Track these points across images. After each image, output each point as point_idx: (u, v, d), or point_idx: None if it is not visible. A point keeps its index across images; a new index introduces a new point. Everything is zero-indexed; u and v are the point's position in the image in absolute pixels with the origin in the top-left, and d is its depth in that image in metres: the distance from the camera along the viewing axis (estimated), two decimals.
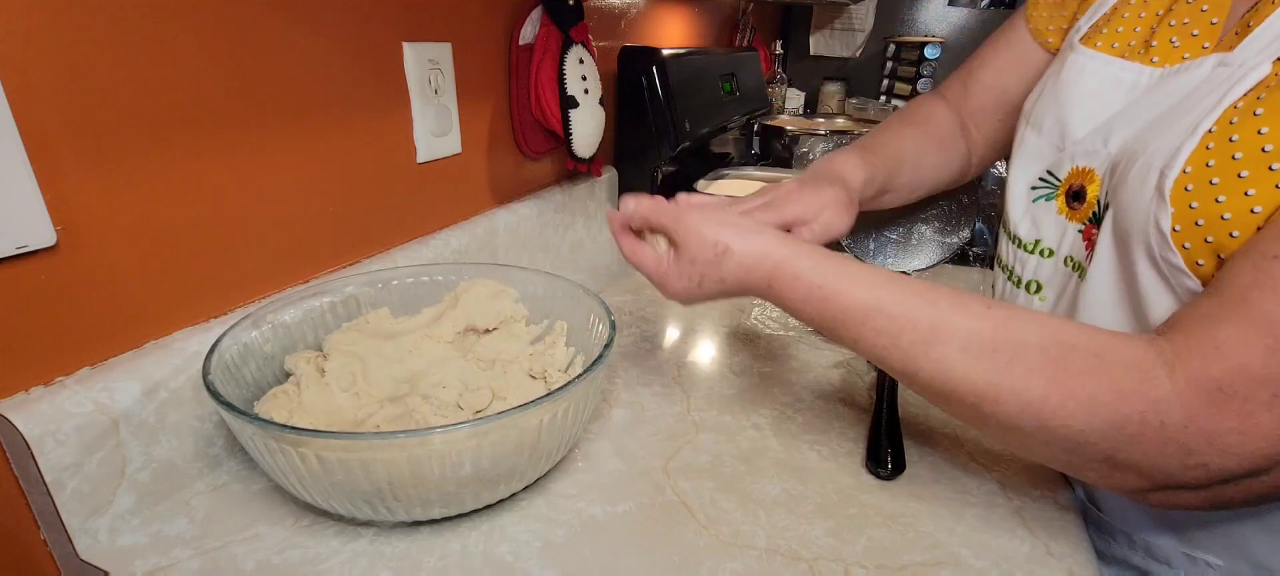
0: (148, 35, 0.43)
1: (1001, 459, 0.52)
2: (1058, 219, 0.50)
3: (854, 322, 0.40)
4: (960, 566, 0.42)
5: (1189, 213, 0.37)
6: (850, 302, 0.40)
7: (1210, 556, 0.45)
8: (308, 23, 0.54)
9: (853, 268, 0.42)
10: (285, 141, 0.54)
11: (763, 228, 0.45)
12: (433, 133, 0.69)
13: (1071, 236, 0.48)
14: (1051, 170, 0.50)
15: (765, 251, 0.43)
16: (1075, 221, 0.48)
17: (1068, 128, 0.49)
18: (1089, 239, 0.46)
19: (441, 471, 0.39)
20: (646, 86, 0.99)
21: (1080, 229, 0.47)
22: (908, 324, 0.39)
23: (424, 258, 0.68)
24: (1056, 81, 0.52)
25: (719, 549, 0.43)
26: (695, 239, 0.45)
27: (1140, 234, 0.40)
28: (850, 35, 2.03)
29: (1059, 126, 0.50)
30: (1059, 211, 0.50)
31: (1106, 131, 0.46)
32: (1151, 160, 0.40)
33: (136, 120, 0.43)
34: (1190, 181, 0.38)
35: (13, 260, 0.38)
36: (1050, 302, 0.51)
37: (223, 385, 0.42)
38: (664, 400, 0.60)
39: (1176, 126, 0.40)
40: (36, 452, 0.38)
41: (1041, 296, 0.52)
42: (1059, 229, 0.50)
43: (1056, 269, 0.50)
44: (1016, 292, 0.54)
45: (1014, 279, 0.54)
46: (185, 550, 0.42)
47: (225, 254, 0.51)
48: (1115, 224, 0.43)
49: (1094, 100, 0.48)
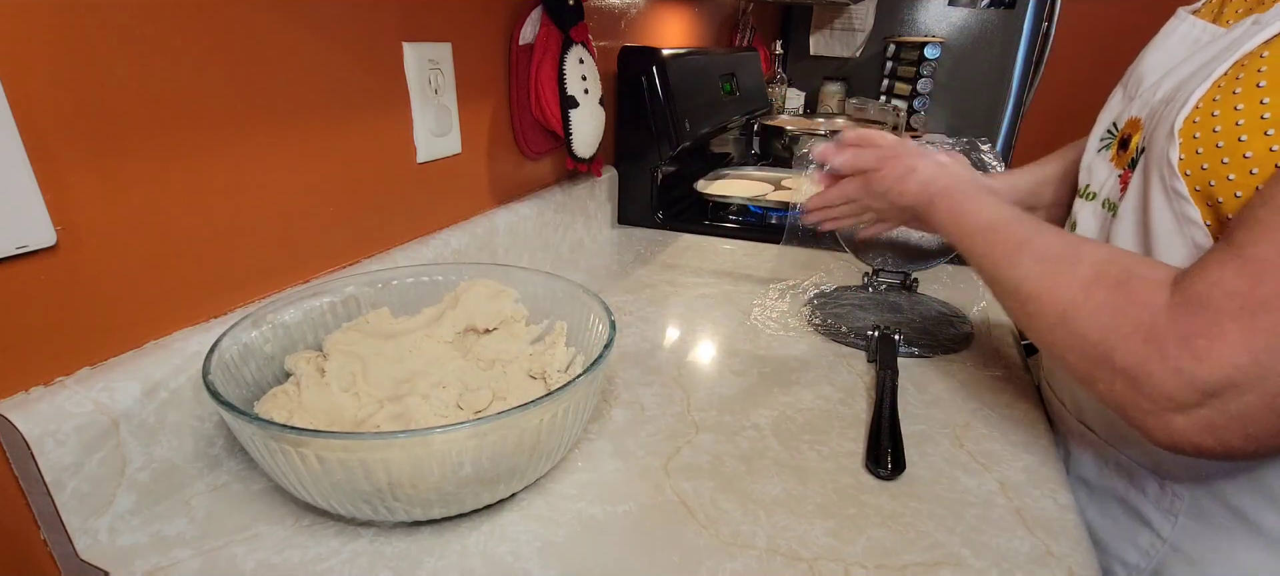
0: (148, 35, 0.43)
1: (1001, 459, 0.52)
2: (1108, 166, 0.52)
3: (971, 232, 0.51)
4: (960, 566, 0.42)
5: (1195, 156, 0.41)
6: (977, 220, 0.51)
7: (1179, 487, 0.47)
8: (308, 23, 0.54)
9: (992, 199, 0.52)
10: (285, 141, 0.54)
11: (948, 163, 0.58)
12: (433, 133, 0.69)
13: (1112, 181, 0.51)
14: (1115, 122, 0.53)
15: (939, 172, 0.57)
16: (1118, 167, 0.51)
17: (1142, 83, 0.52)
18: (1125, 182, 0.49)
19: (441, 471, 0.39)
20: (646, 86, 0.99)
21: (1120, 173, 0.50)
22: (1011, 237, 0.48)
23: (424, 257, 0.68)
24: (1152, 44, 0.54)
25: (719, 549, 0.43)
26: (891, 167, 0.59)
27: (1157, 166, 0.43)
28: (850, 35, 2.03)
29: (1137, 82, 0.52)
30: (1110, 159, 0.52)
31: (1158, 84, 0.48)
32: (1186, 100, 0.43)
33: (136, 120, 0.43)
34: (1197, 128, 0.41)
35: (13, 260, 0.38)
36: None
37: (223, 385, 0.42)
38: (664, 400, 0.60)
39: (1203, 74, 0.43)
40: (36, 452, 0.38)
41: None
42: (1105, 173, 0.52)
43: (1095, 210, 0.53)
44: None
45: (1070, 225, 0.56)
46: (185, 550, 0.42)
47: (225, 254, 0.51)
48: (1144, 164, 0.46)
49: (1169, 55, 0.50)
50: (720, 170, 1.28)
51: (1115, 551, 0.52)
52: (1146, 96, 0.49)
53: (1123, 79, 0.56)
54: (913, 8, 1.95)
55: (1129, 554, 0.51)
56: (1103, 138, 0.54)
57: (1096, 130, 0.56)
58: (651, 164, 1.05)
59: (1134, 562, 0.51)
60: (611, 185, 1.07)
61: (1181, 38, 0.50)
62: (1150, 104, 0.48)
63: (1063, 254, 0.44)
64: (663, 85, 0.99)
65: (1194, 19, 0.50)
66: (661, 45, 1.04)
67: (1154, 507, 0.49)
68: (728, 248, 1.02)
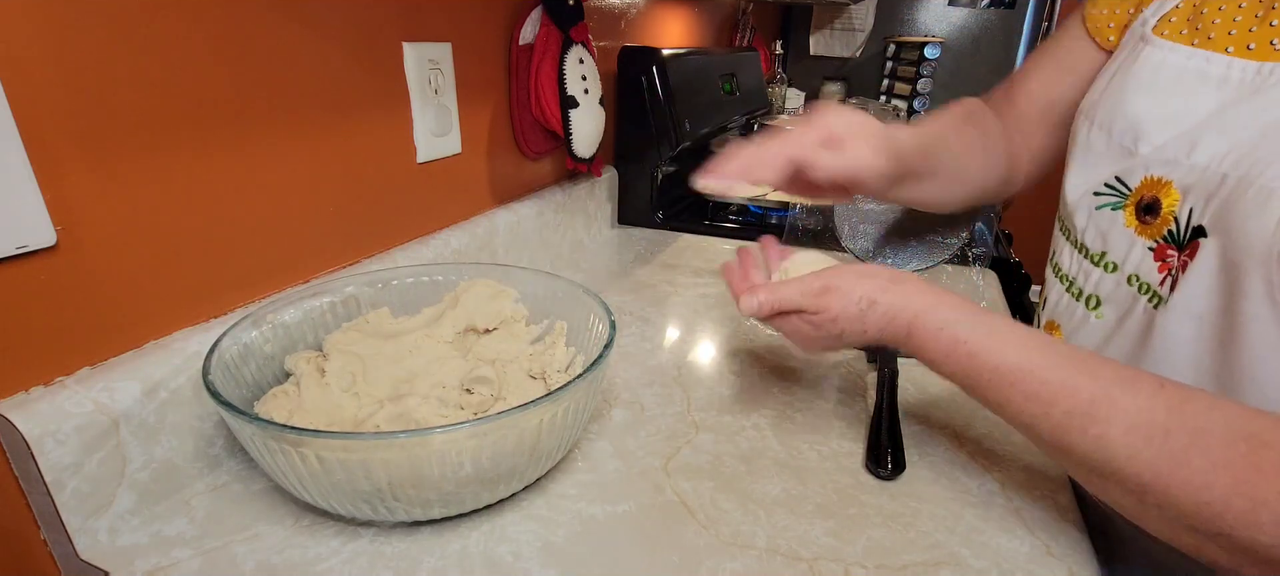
0: (148, 35, 0.43)
1: (1002, 459, 0.52)
2: (1125, 232, 0.46)
3: (1001, 384, 0.39)
4: (960, 566, 0.42)
5: None
6: (998, 362, 0.39)
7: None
8: (308, 22, 0.54)
9: (1002, 324, 0.40)
10: (285, 141, 0.54)
11: (906, 278, 0.45)
12: (433, 133, 0.69)
13: (1139, 253, 0.45)
14: (1121, 177, 0.46)
15: (906, 300, 0.43)
16: (1146, 237, 0.44)
17: (1142, 131, 0.45)
18: (1165, 262, 0.43)
19: (441, 471, 0.39)
20: (646, 86, 0.99)
21: (1151, 247, 0.43)
22: (1063, 393, 0.36)
23: (424, 257, 0.68)
24: (1126, 77, 0.47)
25: (719, 549, 0.43)
26: (840, 298, 0.45)
27: (1260, 265, 0.36)
28: (850, 35, 2.03)
29: (1132, 130, 0.45)
30: (1127, 224, 0.45)
31: (1192, 139, 0.41)
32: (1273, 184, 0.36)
33: (136, 120, 0.43)
34: None
35: (13, 260, 0.38)
36: (1110, 322, 0.47)
37: (223, 385, 0.42)
38: (664, 400, 0.60)
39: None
40: (36, 452, 0.38)
41: (1099, 314, 0.48)
42: (1126, 243, 0.46)
43: (1118, 286, 0.46)
44: (1075, 307, 0.50)
45: (1074, 291, 0.50)
46: (185, 550, 0.42)
47: (225, 254, 0.51)
48: (1223, 254, 0.39)
49: (1175, 101, 0.44)
50: None
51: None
52: (1172, 154, 0.42)
53: (1089, 118, 0.49)
54: (913, 8, 1.95)
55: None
56: (1100, 193, 0.47)
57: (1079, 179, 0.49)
58: (651, 164, 1.05)
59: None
60: (611, 185, 1.07)
61: (1191, 76, 0.43)
62: (1186, 167, 0.41)
63: (1169, 424, 0.33)
64: (663, 85, 0.99)
65: (1189, 49, 0.44)
66: (661, 45, 1.04)
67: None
68: (728, 248, 1.02)
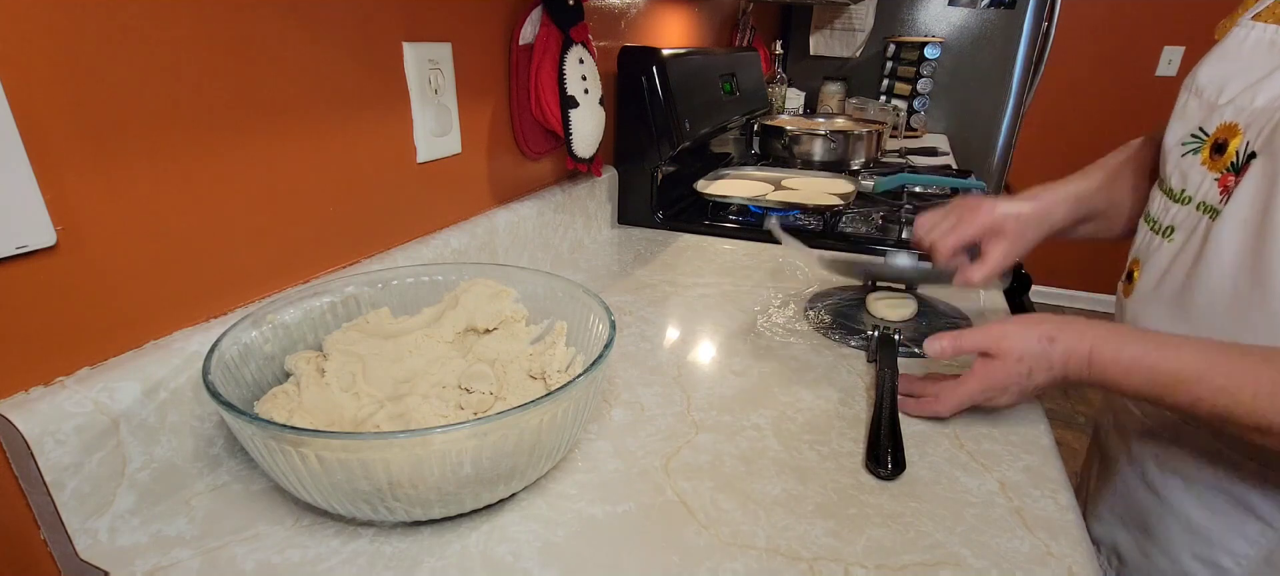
0: (148, 35, 0.43)
1: (1001, 459, 0.52)
2: (1201, 169, 0.52)
3: (1189, 382, 0.44)
4: (960, 566, 0.42)
5: None
6: (1180, 365, 0.44)
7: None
8: (308, 23, 0.54)
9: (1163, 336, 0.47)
10: (285, 141, 0.54)
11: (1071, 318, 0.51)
12: (433, 133, 0.69)
13: (1208, 184, 0.51)
14: (1202, 126, 0.53)
15: (1081, 333, 0.49)
16: (1214, 171, 0.51)
17: (1223, 87, 0.52)
18: (1225, 186, 0.49)
19: (441, 471, 0.39)
20: (646, 86, 0.99)
21: (1217, 177, 0.50)
22: (1249, 379, 0.42)
23: (424, 257, 0.68)
24: (1220, 49, 0.54)
25: (719, 549, 0.43)
26: (1019, 338, 0.51)
27: None
28: (850, 35, 2.03)
29: (1216, 87, 0.53)
30: (1202, 162, 0.52)
31: (1255, 90, 0.49)
32: None
33: (137, 120, 0.43)
34: None
35: (13, 260, 0.38)
36: (1178, 244, 0.54)
37: (223, 385, 0.42)
38: (664, 400, 0.60)
39: None
40: (36, 452, 0.38)
41: (1171, 238, 0.55)
42: (1199, 177, 0.52)
43: (1189, 214, 0.53)
44: (1153, 239, 0.57)
45: (1155, 227, 0.57)
46: (185, 550, 0.42)
47: (225, 254, 0.51)
48: (1266, 170, 0.46)
49: (1250, 62, 0.51)
50: (720, 170, 1.28)
51: (1221, 541, 0.53)
52: (1241, 102, 0.50)
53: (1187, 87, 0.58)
54: (913, 8, 1.96)
55: (1236, 543, 0.52)
56: (1186, 143, 0.55)
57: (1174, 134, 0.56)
58: (651, 164, 1.05)
59: (1242, 552, 0.52)
60: (611, 185, 1.07)
61: (1256, 44, 0.51)
62: (1250, 111, 0.49)
63: None
64: (663, 85, 0.99)
65: (1264, 26, 0.52)
66: (661, 45, 1.04)
67: (1262, 498, 0.50)
68: (728, 247, 1.02)
